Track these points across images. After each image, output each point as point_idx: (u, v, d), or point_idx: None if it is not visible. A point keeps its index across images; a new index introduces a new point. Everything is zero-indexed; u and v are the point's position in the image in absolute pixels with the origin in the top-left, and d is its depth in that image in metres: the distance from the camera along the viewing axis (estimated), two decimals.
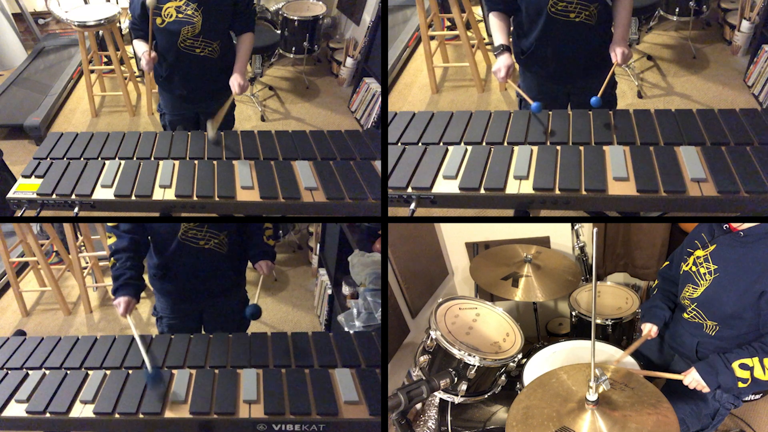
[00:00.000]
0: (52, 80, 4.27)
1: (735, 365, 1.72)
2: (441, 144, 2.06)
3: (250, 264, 2.35)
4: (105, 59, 4.16)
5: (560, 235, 2.87)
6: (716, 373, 1.74)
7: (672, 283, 2.08)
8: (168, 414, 1.70)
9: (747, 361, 1.72)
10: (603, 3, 2.12)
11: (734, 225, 1.85)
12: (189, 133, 2.36)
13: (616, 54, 2.12)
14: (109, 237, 2.19)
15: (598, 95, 2.06)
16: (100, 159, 2.22)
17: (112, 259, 2.12)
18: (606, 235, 2.91)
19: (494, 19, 2.23)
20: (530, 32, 2.20)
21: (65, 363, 1.93)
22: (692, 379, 1.77)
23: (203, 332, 2.41)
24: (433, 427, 2.10)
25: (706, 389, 1.76)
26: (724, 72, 3.70)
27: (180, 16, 2.33)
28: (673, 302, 2.07)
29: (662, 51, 3.95)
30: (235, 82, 2.39)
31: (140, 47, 2.44)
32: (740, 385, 1.72)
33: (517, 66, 2.17)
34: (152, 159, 2.21)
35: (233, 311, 2.36)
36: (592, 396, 1.51)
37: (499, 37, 2.19)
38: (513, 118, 2.14)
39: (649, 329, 2.01)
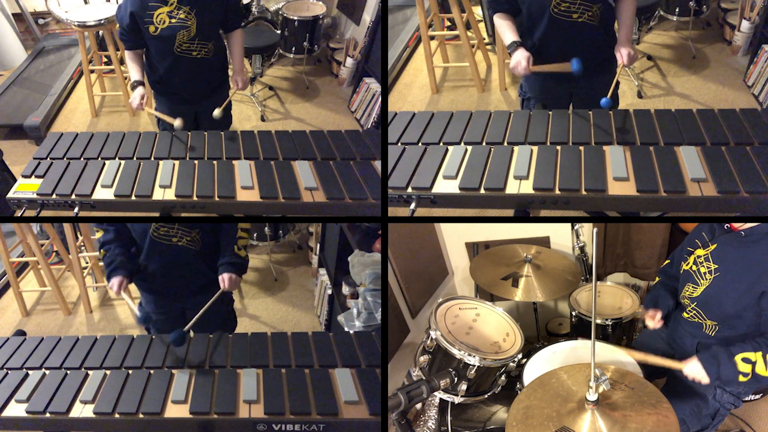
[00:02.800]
0: (52, 80, 4.27)
1: (738, 358, 1.71)
2: (441, 144, 2.06)
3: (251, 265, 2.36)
4: (105, 59, 4.16)
5: (560, 235, 2.87)
6: (718, 364, 1.72)
7: (674, 279, 2.08)
8: (168, 414, 1.70)
9: (750, 355, 1.71)
10: (605, 3, 2.12)
11: (735, 225, 1.84)
12: (189, 133, 2.36)
13: (622, 55, 2.11)
14: (97, 231, 2.27)
15: (608, 96, 2.06)
16: (100, 159, 2.22)
17: (101, 250, 2.21)
18: (606, 235, 2.91)
19: (500, 20, 2.23)
20: (533, 32, 2.19)
21: (65, 363, 1.93)
22: (692, 368, 1.75)
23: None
24: (433, 427, 2.10)
25: (705, 380, 1.74)
26: (724, 72, 3.70)
27: (173, 21, 2.32)
28: (675, 295, 2.06)
29: (662, 51, 3.95)
30: (238, 78, 2.52)
31: (133, 72, 2.45)
32: (741, 378, 1.71)
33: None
34: (152, 159, 2.21)
35: (216, 309, 2.34)
36: (592, 396, 1.51)
37: (510, 36, 2.18)
38: (513, 118, 2.14)
39: (653, 313, 1.99)
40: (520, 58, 2.12)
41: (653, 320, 1.99)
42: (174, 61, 2.41)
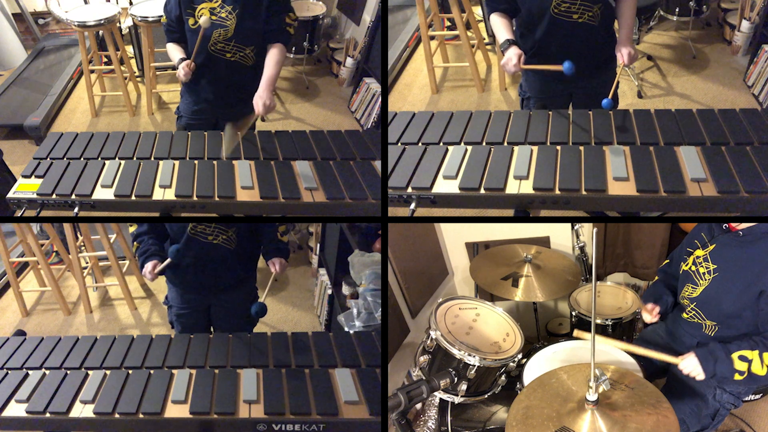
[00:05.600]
0: (52, 80, 4.27)
1: (735, 356, 1.72)
2: (441, 144, 2.06)
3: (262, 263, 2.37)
4: (105, 59, 4.16)
5: (560, 235, 2.87)
6: (715, 360, 1.73)
7: (673, 278, 2.08)
8: (168, 414, 1.70)
9: (747, 353, 1.71)
10: (606, 3, 2.12)
11: (733, 224, 1.84)
12: (189, 133, 2.36)
13: (623, 55, 2.11)
14: (131, 225, 2.31)
15: (609, 97, 2.05)
16: (100, 159, 2.22)
17: (135, 243, 2.26)
18: (606, 235, 2.91)
19: (497, 19, 2.22)
20: (533, 33, 2.19)
21: (65, 363, 1.93)
22: (688, 363, 1.76)
23: (211, 326, 2.46)
24: (433, 427, 2.10)
25: (700, 376, 1.74)
26: (724, 72, 3.70)
27: (213, 18, 2.28)
28: (674, 293, 2.06)
29: (662, 51, 3.96)
30: (259, 100, 2.21)
31: (176, 54, 2.38)
32: (736, 377, 1.72)
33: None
34: (152, 159, 2.21)
35: (240, 306, 2.38)
36: (592, 396, 1.51)
37: (504, 34, 2.17)
38: (513, 118, 2.14)
39: (651, 307, 1.99)
40: (511, 56, 2.10)
41: (650, 314, 1.99)
42: (206, 59, 2.36)
